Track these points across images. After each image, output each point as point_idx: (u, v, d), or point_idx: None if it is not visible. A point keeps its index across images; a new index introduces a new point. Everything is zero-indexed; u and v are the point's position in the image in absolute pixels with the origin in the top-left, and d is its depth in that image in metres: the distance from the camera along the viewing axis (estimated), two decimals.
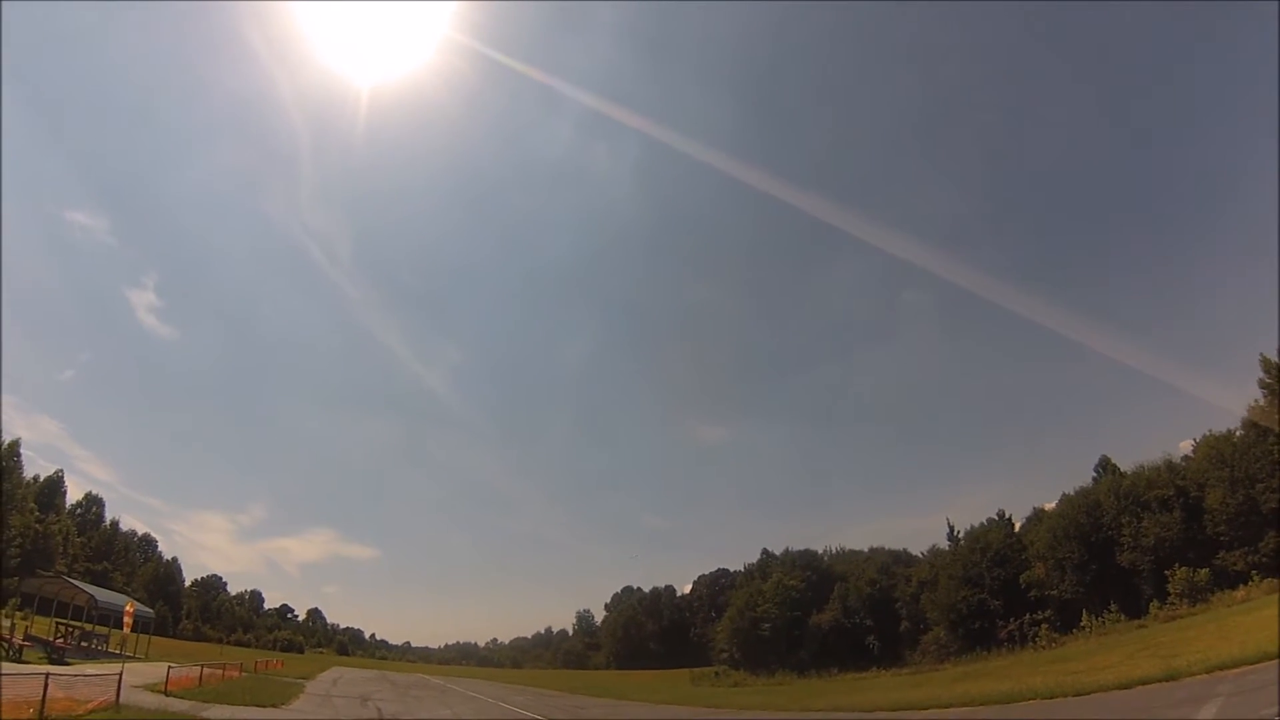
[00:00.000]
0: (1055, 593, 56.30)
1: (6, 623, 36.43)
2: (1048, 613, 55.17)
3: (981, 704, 22.98)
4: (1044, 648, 49.46)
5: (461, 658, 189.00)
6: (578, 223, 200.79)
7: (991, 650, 53.97)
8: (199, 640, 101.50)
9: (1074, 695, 20.71)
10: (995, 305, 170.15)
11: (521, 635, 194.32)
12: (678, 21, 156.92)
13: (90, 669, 23.41)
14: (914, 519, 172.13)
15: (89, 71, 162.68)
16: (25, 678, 16.46)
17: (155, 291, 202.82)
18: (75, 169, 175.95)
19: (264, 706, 24.31)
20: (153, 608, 68.59)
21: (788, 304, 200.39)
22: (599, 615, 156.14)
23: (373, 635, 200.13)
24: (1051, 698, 21.12)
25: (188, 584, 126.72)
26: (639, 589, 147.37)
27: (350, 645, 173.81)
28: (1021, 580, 58.77)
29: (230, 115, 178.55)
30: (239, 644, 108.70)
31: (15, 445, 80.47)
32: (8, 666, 23.34)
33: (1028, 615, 55.81)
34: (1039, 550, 59.73)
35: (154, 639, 53.73)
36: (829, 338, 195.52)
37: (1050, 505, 67.31)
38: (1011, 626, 55.83)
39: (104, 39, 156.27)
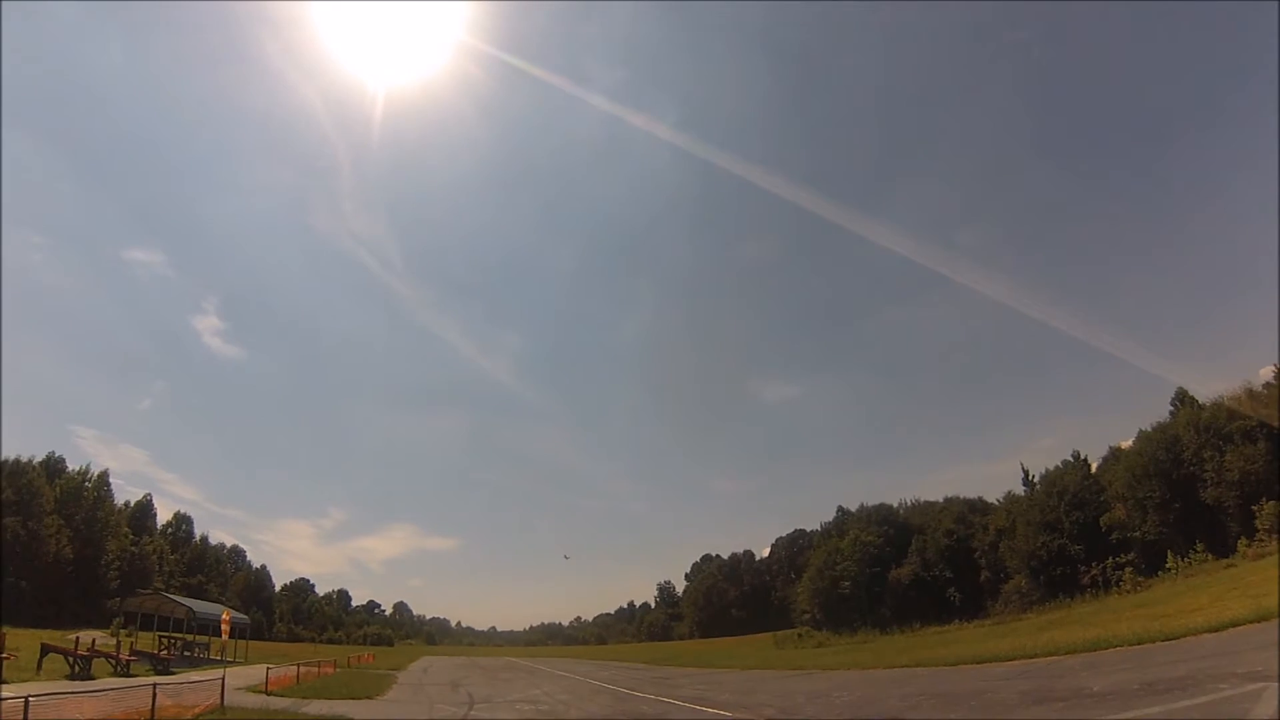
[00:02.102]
0: (1138, 534, 54.41)
1: (112, 641, 38.75)
2: (1131, 555, 53.39)
3: (1068, 653, 22.37)
4: (1129, 592, 47.67)
5: (547, 638, 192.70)
6: (622, 198, 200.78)
7: (1074, 597, 52.46)
8: (293, 641, 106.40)
9: (1163, 640, 19.99)
10: (1055, 239, 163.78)
11: (605, 611, 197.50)
12: None
13: (194, 676, 24.71)
14: (987, 465, 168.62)
15: (121, 109, 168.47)
16: (135, 690, 17.45)
17: (217, 315, 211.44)
18: (126, 207, 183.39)
19: (359, 699, 25.23)
20: (247, 614, 71.89)
21: (844, 250, 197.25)
22: (679, 585, 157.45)
23: (459, 623, 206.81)
24: (1139, 644, 20.42)
25: (278, 589, 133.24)
26: (718, 556, 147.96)
27: (437, 635, 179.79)
28: (1102, 523, 57.00)
29: (262, 131, 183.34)
30: (331, 642, 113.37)
31: (105, 475, 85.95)
32: (117, 681, 24.87)
33: (1110, 559, 54.10)
34: (1118, 491, 57.74)
35: (251, 643, 56.49)
36: (889, 282, 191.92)
37: (1127, 443, 65.14)
38: (1094, 571, 54.20)
39: (129, 72, 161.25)
